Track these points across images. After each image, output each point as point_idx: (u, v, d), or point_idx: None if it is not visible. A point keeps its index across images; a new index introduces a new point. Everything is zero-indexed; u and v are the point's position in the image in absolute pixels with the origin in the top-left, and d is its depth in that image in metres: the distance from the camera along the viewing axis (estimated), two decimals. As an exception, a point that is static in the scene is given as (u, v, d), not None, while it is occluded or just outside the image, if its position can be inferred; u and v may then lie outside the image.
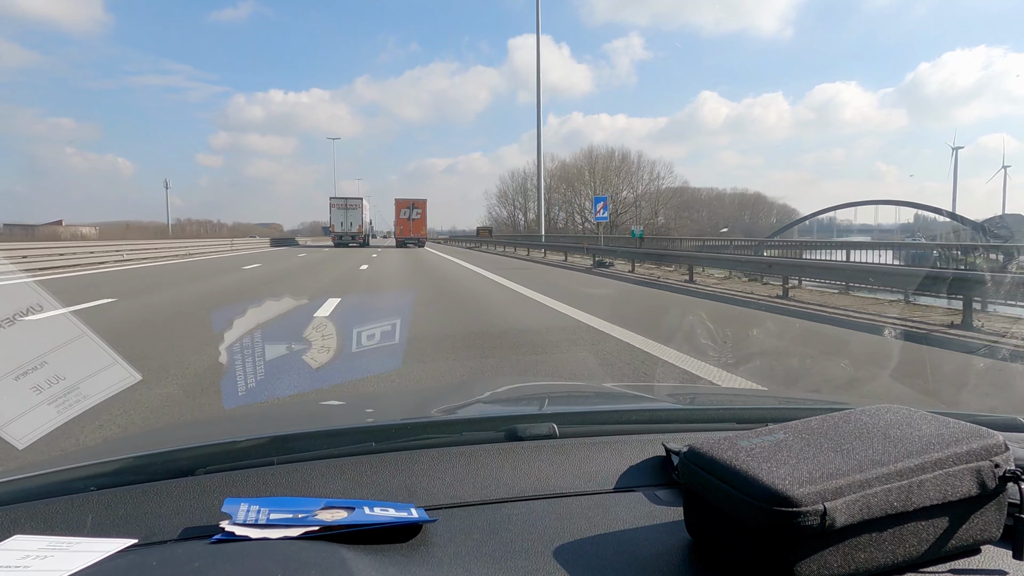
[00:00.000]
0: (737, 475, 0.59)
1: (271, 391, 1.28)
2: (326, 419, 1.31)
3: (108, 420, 3.23)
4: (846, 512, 0.56)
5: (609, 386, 2.72)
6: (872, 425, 0.67)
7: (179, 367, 4.49)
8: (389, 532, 0.67)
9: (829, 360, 5.43)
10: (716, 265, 15.09)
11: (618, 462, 0.86)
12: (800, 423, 0.70)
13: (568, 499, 0.78)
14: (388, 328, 1.39)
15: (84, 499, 0.74)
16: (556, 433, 0.94)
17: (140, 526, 0.68)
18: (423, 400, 1.62)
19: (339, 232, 42.35)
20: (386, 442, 0.91)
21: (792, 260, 14.31)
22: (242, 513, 0.67)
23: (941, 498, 0.59)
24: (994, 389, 4.46)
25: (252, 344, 1.20)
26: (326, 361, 1.31)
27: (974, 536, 0.62)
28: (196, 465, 0.83)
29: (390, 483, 0.79)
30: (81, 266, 17.45)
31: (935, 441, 0.63)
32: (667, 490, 0.81)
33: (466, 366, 4.70)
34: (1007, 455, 0.62)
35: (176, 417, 3.42)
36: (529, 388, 1.93)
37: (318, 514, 0.68)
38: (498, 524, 0.71)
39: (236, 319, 1.19)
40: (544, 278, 14.41)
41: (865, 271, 10.10)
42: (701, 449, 0.65)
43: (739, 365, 4.79)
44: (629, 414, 1.19)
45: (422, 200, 44.69)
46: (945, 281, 7.77)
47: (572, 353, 5.23)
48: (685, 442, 0.79)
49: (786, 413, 1.15)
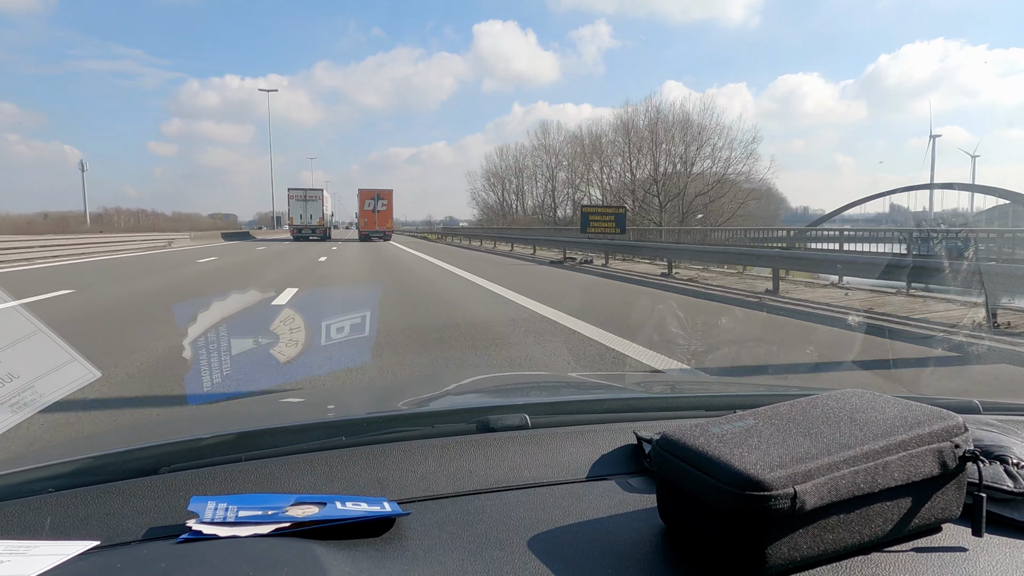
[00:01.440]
0: (709, 461, 0.60)
1: (237, 386, 1.25)
2: (294, 414, 1.29)
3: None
4: (815, 495, 0.57)
5: (579, 376, 2.74)
6: (839, 409, 0.69)
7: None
8: (362, 527, 0.66)
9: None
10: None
11: (590, 451, 0.87)
12: (770, 409, 0.71)
13: (541, 489, 0.78)
14: (358, 321, 1.37)
15: (41, 501, 0.71)
16: (528, 424, 0.94)
17: (102, 527, 0.66)
18: (392, 393, 1.61)
19: (298, 225, 40.99)
20: (356, 436, 0.90)
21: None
22: (209, 511, 0.66)
23: (905, 479, 0.61)
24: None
25: (217, 338, 1.17)
26: (294, 355, 1.29)
27: (936, 515, 0.64)
28: (160, 463, 0.81)
29: (361, 477, 0.78)
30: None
31: (899, 423, 0.64)
32: (640, 478, 0.82)
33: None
34: (966, 436, 0.64)
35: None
36: (499, 379, 1.93)
37: (288, 510, 0.67)
38: (472, 516, 0.71)
39: (200, 313, 1.16)
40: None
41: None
42: (673, 436, 0.66)
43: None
44: (601, 403, 1.19)
45: (388, 191, 41.79)
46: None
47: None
48: (657, 430, 0.80)
49: (755, 400, 1.17)
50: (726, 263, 13.61)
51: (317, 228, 41.40)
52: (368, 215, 41.37)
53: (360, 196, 41.65)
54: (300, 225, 41.09)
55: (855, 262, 9.84)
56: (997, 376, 4.64)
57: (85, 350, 0.90)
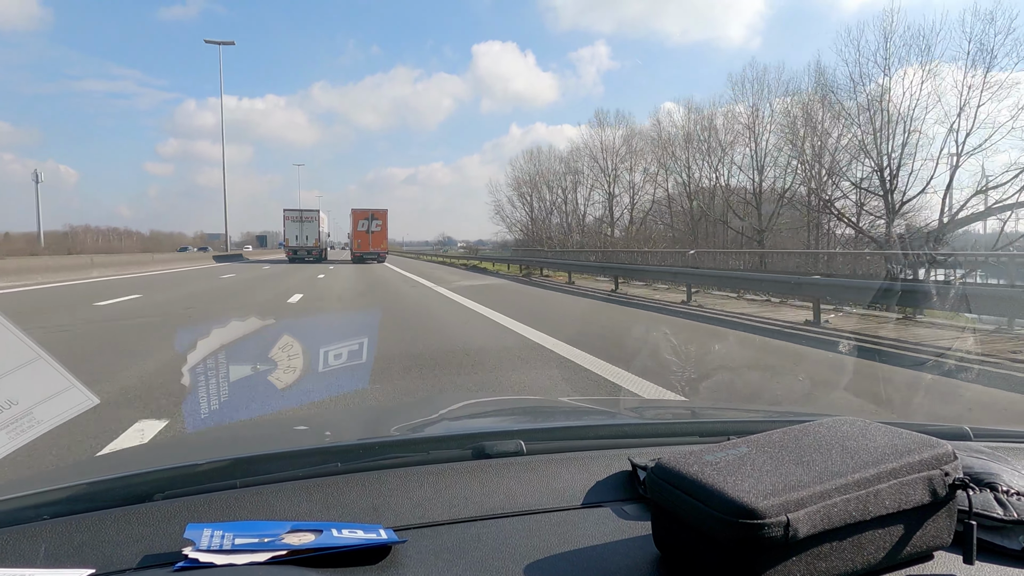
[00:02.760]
0: (703, 489, 0.61)
1: (235, 413, 1.25)
2: (289, 440, 1.29)
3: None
4: (808, 523, 0.57)
5: (572, 401, 2.73)
6: (830, 437, 0.70)
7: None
8: (358, 555, 0.66)
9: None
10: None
11: (585, 478, 0.87)
12: (762, 436, 0.72)
13: (537, 516, 0.78)
14: (355, 347, 1.38)
15: (36, 528, 0.71)
16: (523, 450, 0.94)
17: (97, 555, 0.66)
18: (387, 418, 1.61)
19: (294, 246, 40.23)
20: (352, 462, 0.90)
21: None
22: (206, 539, 0.66)
23: (896, 506, 0.62)
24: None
25: (216, 365, 1.18)
26: (292, 381, 1.30)
27: (927, 543, 0.65)
28: (155, 490, 0.80)
29: (357, 504, 0.79)
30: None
31: (889, 452, 0.65)
32: (634, 505, 0.82)
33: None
34: (956, 464, 0.65)
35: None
36: (493, 403, 1.93)
37: (285, 538, 0.67)
38: (468, 543, 0.71)
39: (200, 340, 1.16)
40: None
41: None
42: (668, 464, 0.67)
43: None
44: (595, 429, 1.20)
45: (383, 211, 39.37)
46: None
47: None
48: (651, 457, 0.81)
49: (748, 426, 1.18)
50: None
51: (313, 249, 40.61)
52: (361, 236, 39.20)
53: (353, 216, 39.57)
54: (296, 246, 40.31)
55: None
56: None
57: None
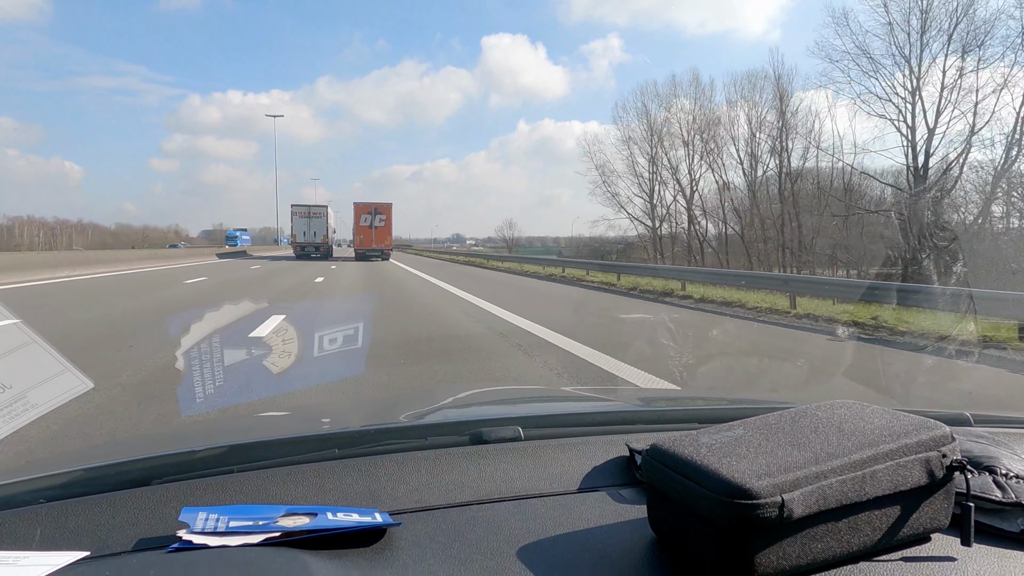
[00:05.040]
0: (698, 470, 0.60)
1: (230, 398, 1.25)
2: (286, 427, 1.29)
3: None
4: (803, 503, 0.57)
5: (571, 389, 2.74)
6: (827, 419, 0.69)
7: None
8: (352, 537, 0.66)
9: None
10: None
11: (582, 463, 0.87)
12: (759, 419, 0.71)
13: (533, 500, 0.78)
14: (351, 332, 1.37)
15: (32, 512, 0.71)
16: (521, 436, 0.94)
17: (92, 538, 0.66)
18: (386, 406, 1.61)
19: (302, 242, 39.58)
20: (349, 448, 0.90)
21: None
22: (200, 521, 0.66)
23: (893, 488, 0.61)
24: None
25: (211, 350, 1.17)
26: (287, 366, 1.29)
27: (924, 524, 0.64)
28: (151, 475, 0.80)
29: (353, 489, 0.78)
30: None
31: (886, 433, 0.65)
32: (631, 489, 0.82)
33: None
34: (953, 445, 0.65)
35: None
36: (492, 393, 1.93)
37: (279, 520, 0.67)
38: (463, 526, 0.71)
39: (193, 324, 1.16)
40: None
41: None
42: (663, 446, 0.66)
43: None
44: (593, 416, 1.20)
45: (386, 204, 37.16)
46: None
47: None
48: (649, 442, 0.80)
49: (746, 412, 1.17)
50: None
51: (321, 246, 39.81)
52: (364, 231, 36.86)
53: (356, 210, 37.11)
54: (304, 243, 39.41)
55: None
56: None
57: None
